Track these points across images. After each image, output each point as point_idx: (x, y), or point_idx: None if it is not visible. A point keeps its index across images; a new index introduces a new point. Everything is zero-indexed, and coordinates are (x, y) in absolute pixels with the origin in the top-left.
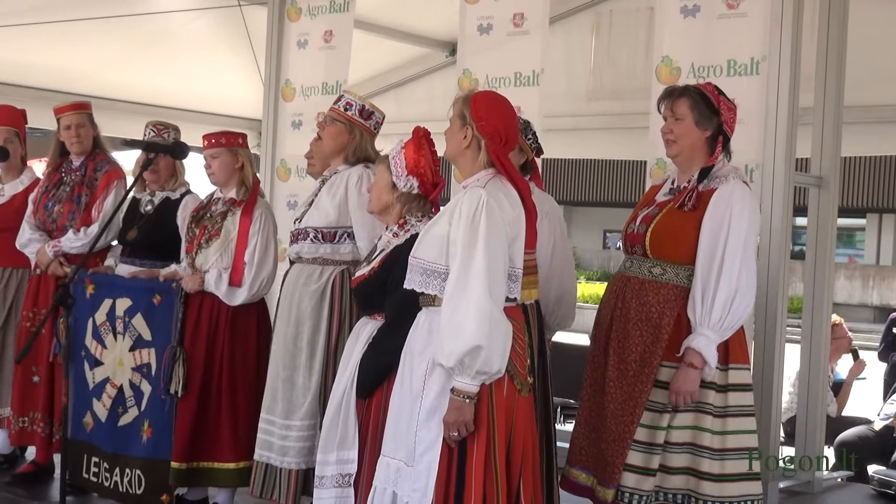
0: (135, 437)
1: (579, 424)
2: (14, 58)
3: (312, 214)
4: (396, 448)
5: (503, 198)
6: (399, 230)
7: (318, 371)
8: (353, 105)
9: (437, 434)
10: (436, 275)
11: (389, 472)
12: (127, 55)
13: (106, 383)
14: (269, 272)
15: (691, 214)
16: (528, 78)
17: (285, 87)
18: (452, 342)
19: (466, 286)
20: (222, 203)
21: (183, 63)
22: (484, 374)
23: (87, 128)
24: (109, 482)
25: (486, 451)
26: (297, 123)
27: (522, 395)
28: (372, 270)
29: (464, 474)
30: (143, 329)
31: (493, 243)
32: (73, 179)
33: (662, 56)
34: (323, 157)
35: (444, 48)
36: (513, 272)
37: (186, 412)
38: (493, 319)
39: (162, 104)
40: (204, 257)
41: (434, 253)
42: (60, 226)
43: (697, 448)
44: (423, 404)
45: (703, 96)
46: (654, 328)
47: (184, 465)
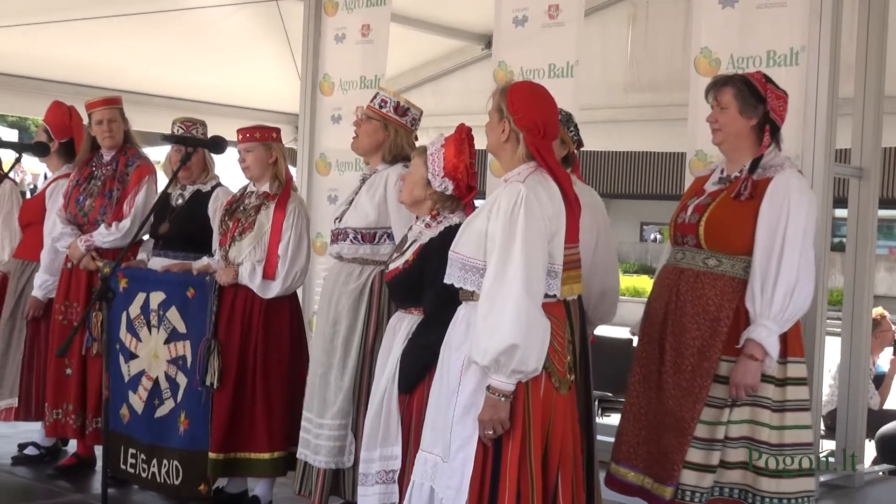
0: (171, 428)
1: (627, 421)
2: (53, 54)
3: (352, 215)
4: (434, 443)
5: (543, 193)
6: (432, 221)
7: (352, 370)
8: (387, 102)
9: (472, 431)
10: (474, 270)
11: (427, 466)
12: (165, 51)
13: (142, 376)
14: (303, 265)
15: (747, 204)
16: (562, 70)
17: (323, 81)
18: (488, 341)
19: (503, 284)
20: (256, 197)
21: (220, 58)
22: (520, 373)
23: (118, 122)
24: (147, 473)
25: (521, 449)
26: (336, 118)
27: (561, 392)
28: (407, 263)
29: (498, 472)
30: (177, 322)
31: (531, 240)
32: (104, 174)
33: (701, 47)
34: (362, 155)
35: (479, 41)
36: (552, 268)
37: (222, 403)
38: (530, 318)
39: (200, 99)
40: (237, 250)
41: (472, 248)
42: (92, 220)
43: (754, 443)
44: (459, 401)
45: (748, 84)
46: (711, 321)
47: (221, 456)
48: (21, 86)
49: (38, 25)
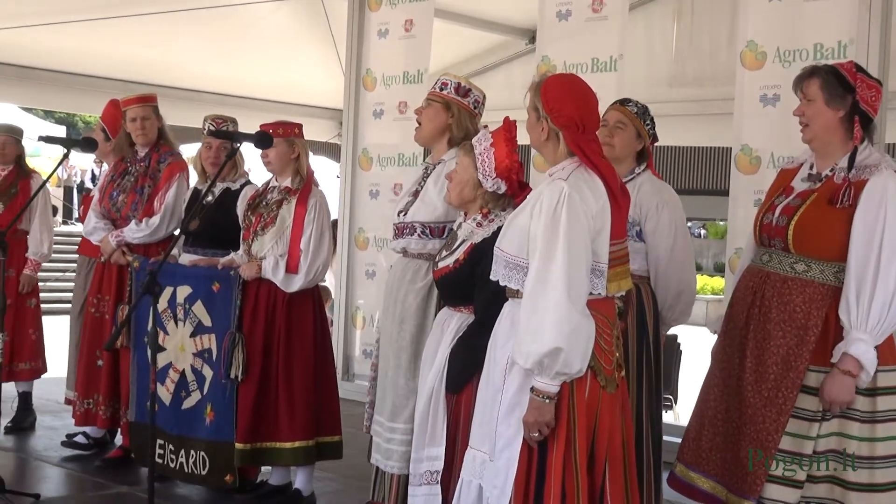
0: (198, 420)
1: (703, 426)
2: (100, 51)
3: (419, 208)
4: (482, 440)
5: (586, 189)
6: (483, 220)
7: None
8: (448, 84)
9: (516, 431)
10: (518, 269)
11: (475, 464)
12: (211, 47)
13: (169, 368)
14: (324, 259)
15: (841, 209)
16: (605, 64)
17: (366, 76)
18: (531, 344)
19: (545, 286)
20: (277, 192)
21: (265, 54)
22: (564, 375)
23: (151, 120)
24: (175, 463)
25: (566, 450)
26: (378, 113)
27: (608, 391)
28: (457, 263)
29: (543, 473)
30: (203, 315)
31: (574, 240)
32: (137, 170)
33: (747, 41)
34: (426, 143)
35: (523, 36)
36: (597, 267)
37: (248, 395)
38: (573, 320)
39: (245, 95)
40: (260, 244)
41: (516, 246)
42: (124, 215)
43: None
44: (503, 400)
45: (835, 74)
46: (799, 329)
47: (247, 446)
48: (69, 82)
49: (85, 23)
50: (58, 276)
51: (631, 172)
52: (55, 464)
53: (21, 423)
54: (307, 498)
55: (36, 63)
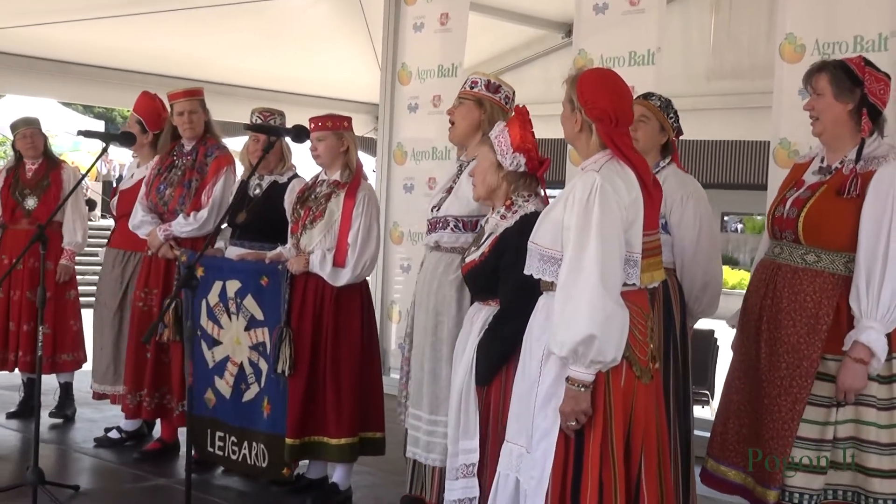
0: (257, 412)
1: (727, 419)
2: (139, 46)
3: (452, 202)
4: (518, 434)
5: (619, 181)
6: (507, 212)
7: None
8: (478, 82)
9: (552, 422)
10: (552, 261)
11: (512, 457)
12: (247, 42)
13: (227, 361)
14: (372, 253)
15: (850, 199)
16: (642, 57)
17: (401, 70)
18: (565, 332)
19: (579, 275)
20: (326, 185)
21: (302, 49)
22: (598, 364)
23: (198, 113)
24: (237, 455)
25: (602, 440)
26: (413, 107)
27: (643, 381)
28: (483, 256)
29: (581, 463)
30: (254, 309)
31: (606, 229)
32: (184, 164)
33: (786, 33)
34: (460, 141)
35: (559, 29)
36: (630, 257)
37: (297, 390)
38: (607, 308)
39: (281, 89)
40: (308, 238)
41: (550, 239)
42: (171, 209)
43: (862, 443)
44: (539, 391)
45: (843, 68)
46: (809, 318)
47: (297, 441)
48: (107, 77)
49: (124, 18)
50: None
51: (655, 166)
52: (94, 456)
53: (63, 410)
54: (344, 492)
55: (75, 58)
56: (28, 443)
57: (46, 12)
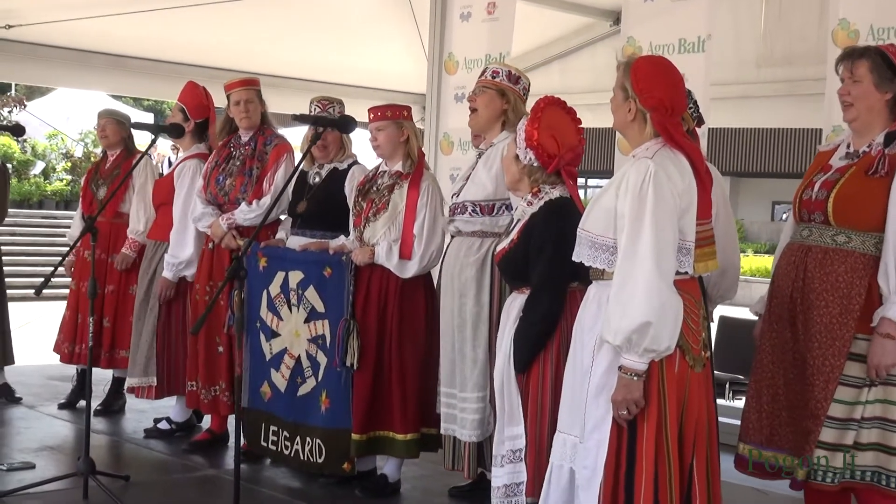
0: (314, 407)
1: (762, 406)
2: (188, 38)
3: (469, 188)
4: (571, 424)
5: (672, 168)
6: (533, 199)
7: (484, 342)
8: (499, 72)
9: (605, 411)
10: (604, 248)
11: (566, 448)
12: (294, 33)
13: (284, 354)
14: (438, 244)
15: (878, 179)
16: (692, 44)
17: (448, 60)
18: (619, 319)
19: (634, 261)
20: (388, 176)
21: (348, 39)
22: (652, 352)
23: (255, 104)
24: (290, 450)
25: (657, 429)
26: (460, 97)
27: (695, 370)
28: (512, 243)
29: (634, 453)
30: (315, 301)
31: (660, 216)
32: (242, 153)
33: (839, 19)
34: (481, 130)
35: (608, 17)
36: (683, 245)
37: (363, 384)
38: (662, 295)
39: (328, 80)
40: (372, 231)
41: (602, 226)
42: (233, 199)
43: (887, 422)
44: (592, 381)
45: (884, 58)
46: (842, 299)
47: (364, 437)
48: (157, 70)
49: (172, 11)
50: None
51: None
52: (144, 446)
53: (111, 406)
54: (392, 484)
55: (124, 51)
56: (79, 433)
57: (97, 5)
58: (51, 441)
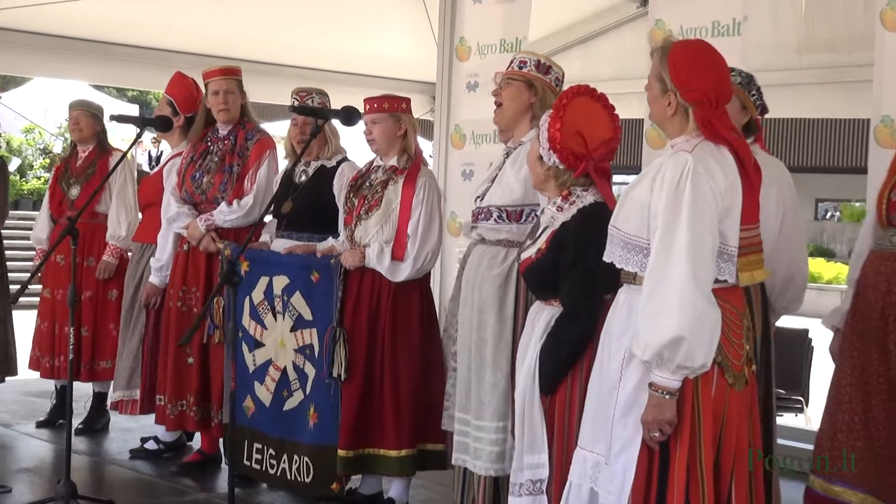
0: (301, 422)
1: (835, 434)
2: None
3: (495, 191)
4: (594, 440)
5: (714, 164)
6: (563, 202)
7: (506, 365)
8: (527, 62)
9: (634, 432)
10: (637, 250)
11: (587, 466)
12: (292, 17)
13: (269, 366)
14: (434, 245)
15: None
16: (727, 28)
17: (459, 45)
18: (649, 333)
19: (667, 268)
20: (382, 171)
21: (349, 22)
22: (686, 369)
23: (235, 94)
24: (276, 469)
25: (689, 453)
26: (472, 85)
27: (736, 389)
28: (539, 252)
29: (665, 478)
30: (302, 308)
31: (698, 218)
32: (221, 149)
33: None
34: (507, 126)
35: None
36: (724, 250)
37: (351, 396)
38: (697, 307)
39: (326, 68)
40: (364, 230)
41: (635, 224)
42: (210, 198)
43: None
44: (619, 398)
45: None
46: None
47: (351, 453)
48: (143, 57)
49: None
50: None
51: None
52: (129, 468)
53: (94, 424)
54: None
55: (107, 37)
56: (60, 454)
57: None
58: (28, 462)
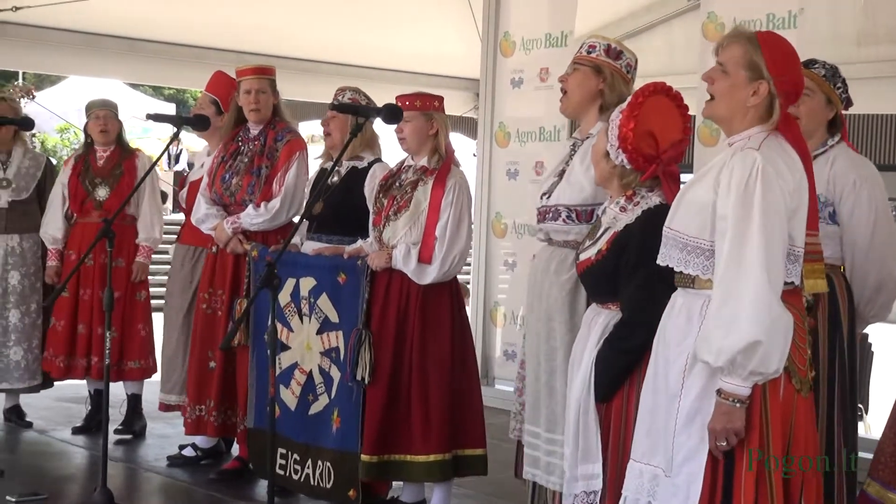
0: (325, 427)
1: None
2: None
3: (564, 189)
4: (651, 453)
5: (781, 162)
6: (627, 203)
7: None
8: (596, 46)
9: (698, 441)
10: (698, 252)
11: (643, 480)
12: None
13: (294, 369)
14: (462, 248)
15: None
16: (782, 20)
17: (504, 40)
18: (723, 337)
19: (740, 271)
20: (413, 172)
21: (390, 17)
22: (759, 375)
23: (267, 94)
24: (300, 475)
25: (758, 463)
26: (517, 81)
27: (802, 394)
28: (600, 254)
29: (731, 490)
30: (329, 310)
31: (770, 219)
32: (251, 149)
33: None
34: (574, 115)
35: None
36: (791, 251)
37: (376, 401)
38: (773, 311)
39: (366, 64)
40: (392, 230)
41: (696, 225)
42: (239, 200)
43: None
44: (682, 406)
45: None
46: None
47: (374, 458)
48: (178, 55)
49: None
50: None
51: (823, 145)
52: (166, 475)
53: (132, 425)
54: None
55: (143, 35)
56: (96, 461)
57: None
58: (64, 470)
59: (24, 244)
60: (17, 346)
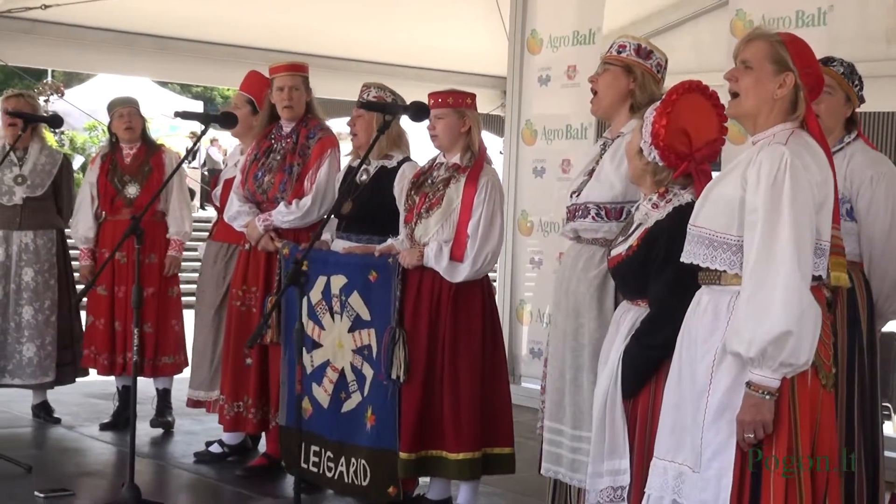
0: (359, 424)
1: None
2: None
3: (593, 187)
4: (676, 450)
5: (808, 157)
6: (659, 200)
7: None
8: (626, 46)
9: (727, 436)
10: (725, 247)
11: (667, 477)
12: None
13: (326, 367)
14: (494, 247)
15: None
16: (812, 17)
17: (531, 38)
18: (755, 328)
19: (771, 261)
20: (445, 169)
21: (417, 15)
22: (788, 367)
23: (300, 91)
24: (333, 472)
25: (787, 456)
26: (544, 79)
27: (828, 389)
28: (630, 249)
29: (759, 483)
30: (360, 308)
31: (799, 211)
32: (283, 147)
33: None
34: (605, 115)
35: None
36: (819, 245)
37: (412, 399)
38: (803, 301)
39: (394, 62)
40: (423, 228)
41: (723, 221)
42: (271, 197)
43: None
44: (711, 401)
45: None
46: None
47: (413, 456)
48: (206, 52)
49: None
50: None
51: (840, 142)
52: (193, 472)
53: (161, 421)
54: None
55: (171, 33)
56: (123, 457)
57: None
58: (92, 466)
59: (38, 241)
60: (29, 342)
